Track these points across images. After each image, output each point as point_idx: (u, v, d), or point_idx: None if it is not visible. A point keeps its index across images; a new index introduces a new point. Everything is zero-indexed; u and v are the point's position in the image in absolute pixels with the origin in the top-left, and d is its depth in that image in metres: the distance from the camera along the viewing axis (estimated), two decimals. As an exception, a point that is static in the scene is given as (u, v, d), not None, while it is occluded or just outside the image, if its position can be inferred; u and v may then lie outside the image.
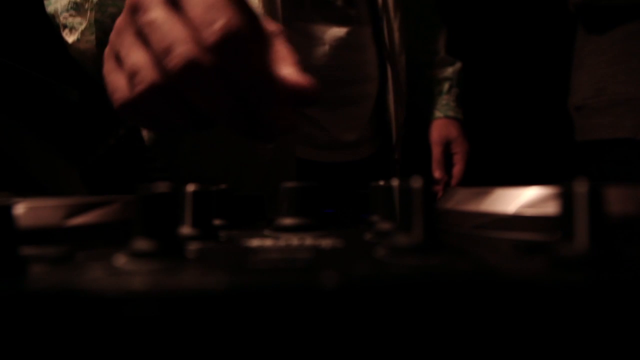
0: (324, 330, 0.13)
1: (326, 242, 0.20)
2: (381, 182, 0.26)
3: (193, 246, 0.20)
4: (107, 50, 0.35)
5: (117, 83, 0.33)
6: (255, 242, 0.21)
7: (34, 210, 0.21)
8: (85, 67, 0.55)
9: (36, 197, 0.28)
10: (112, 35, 0.34)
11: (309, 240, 0.21)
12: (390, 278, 0.13)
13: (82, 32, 0.52)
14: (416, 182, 0.17)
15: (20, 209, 0.21)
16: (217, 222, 0.27)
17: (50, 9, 0.55)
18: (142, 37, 0.31)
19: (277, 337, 0.13)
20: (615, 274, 0.13)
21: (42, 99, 0.81)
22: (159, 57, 0.29)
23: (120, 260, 0.17)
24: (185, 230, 0.22)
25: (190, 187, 0.22)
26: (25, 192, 0.37)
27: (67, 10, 0.53)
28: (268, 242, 0.21)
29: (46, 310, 0.13)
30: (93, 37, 0.52)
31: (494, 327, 0.13)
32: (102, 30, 0.52)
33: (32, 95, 0.79)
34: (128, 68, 0.31)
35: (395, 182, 0.23)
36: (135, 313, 0.13)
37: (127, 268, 0.15)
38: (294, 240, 0.21)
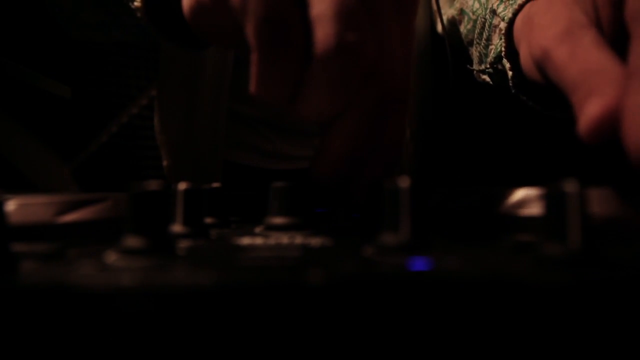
0: (311, 326, 0.13)
1: (315, 241, 0.21)
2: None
3: (184, 244, 0.20)
4: None
5: None
6: (245, 241, 0.21)
7: (25, 207, 0.22)
8: None
9: (27, 193, 0.28)
10: None
11: (298, 239, 0.21)
12: (376, 276, 0.14)
13: None
14: (404, 182, 0.17)
15: (11, 205, 0.21)
16: (208, 220, 0.27)
17: None
18: None
19: (265, 333, 0.13)
20: (604, 273, 0.14)
21: (34, 95, 0.81)
22: None
23: (111, 257, 0.17)
24: (176, 228, 0.22)
25: (182, 186, 0.23)
26: (16, 189, 0.37)
27: None
28: (258, 241, 0.21)
29: (37, 306, 0.13)
30: None
31: (481, 326, 0.13)
32: None
33: (23, 91, 0.79)
34: None
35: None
36: (126, 309, 0.13)
37: (118, 265, 0.16)
38: (284, 239, 0.21)
